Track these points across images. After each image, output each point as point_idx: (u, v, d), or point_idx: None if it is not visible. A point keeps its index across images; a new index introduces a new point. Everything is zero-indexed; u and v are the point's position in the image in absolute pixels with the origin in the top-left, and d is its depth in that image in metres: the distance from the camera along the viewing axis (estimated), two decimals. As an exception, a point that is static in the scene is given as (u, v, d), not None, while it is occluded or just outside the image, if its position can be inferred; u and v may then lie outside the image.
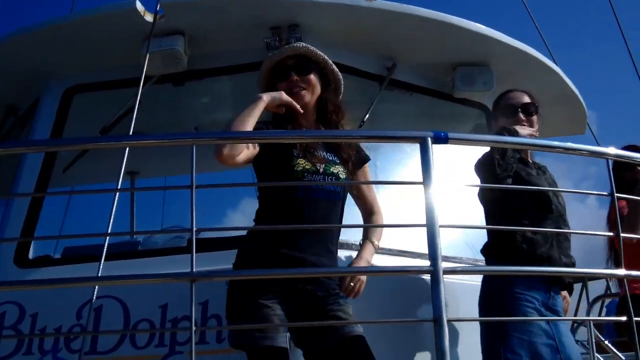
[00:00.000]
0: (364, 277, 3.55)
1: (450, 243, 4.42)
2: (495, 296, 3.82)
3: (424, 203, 2.75)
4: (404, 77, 5.12)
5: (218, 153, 3.16)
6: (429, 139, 2.84)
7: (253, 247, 3.34)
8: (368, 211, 3.77)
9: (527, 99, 4.19)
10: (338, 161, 3.52)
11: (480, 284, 3.98)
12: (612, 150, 3.42)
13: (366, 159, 3.76)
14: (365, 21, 4.79)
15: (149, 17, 4.58)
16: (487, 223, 4.10)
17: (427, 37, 4.95)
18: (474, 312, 3.94)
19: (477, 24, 5.01)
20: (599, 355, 6.14)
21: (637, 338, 3.09)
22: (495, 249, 3.98)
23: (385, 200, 4.57)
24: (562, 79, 5.58)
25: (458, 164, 4.19)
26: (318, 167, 3.42)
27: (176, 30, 4.71)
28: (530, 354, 3.60)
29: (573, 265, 3.97)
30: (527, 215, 3.89)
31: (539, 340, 3.66)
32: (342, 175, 3.49)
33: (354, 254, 3.91)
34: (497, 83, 5.14)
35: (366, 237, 3.68)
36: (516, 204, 3.91)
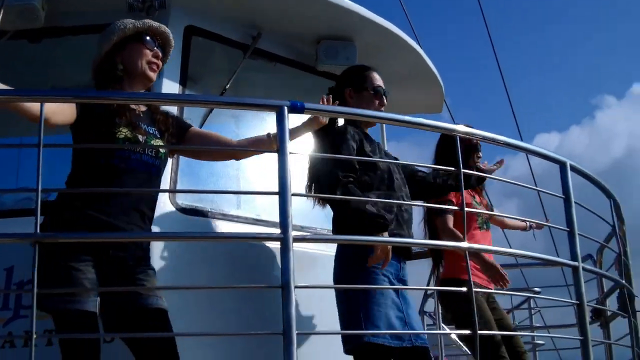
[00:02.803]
0: None
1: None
2: (350, 270, 3.88)
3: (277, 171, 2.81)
4: (268, 47, 5.11)
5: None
6: (286, 108, 2.89)
7: (64, 211, 3.29)
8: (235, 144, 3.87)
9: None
10: (158, 135, 3.58)
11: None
12: (461, 127, 3.56)
13: (188, 126, 3.80)
14: (231, -12, 4.75)
15: (3, -30, 4.38)
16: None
17: (292, 8, 4.96)
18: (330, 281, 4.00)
19: (342, -2, 5.05)
20: (444, 325, 6.47)
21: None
22: (341, 221, 4.02)
23: (241, 168, 4.60)
24: (421, 56, 5.72)
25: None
26: (140, 139, 3.44)
27: (33, -15, 4.52)
28: (386, 325, 3.70)
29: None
30: (375, 191, 3.97)
31: (392, 313, 3.77)
32: (162, 150, 3.53)
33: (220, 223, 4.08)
34: (359, 58, 5.22)
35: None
36: (363, 179, 3.97)
